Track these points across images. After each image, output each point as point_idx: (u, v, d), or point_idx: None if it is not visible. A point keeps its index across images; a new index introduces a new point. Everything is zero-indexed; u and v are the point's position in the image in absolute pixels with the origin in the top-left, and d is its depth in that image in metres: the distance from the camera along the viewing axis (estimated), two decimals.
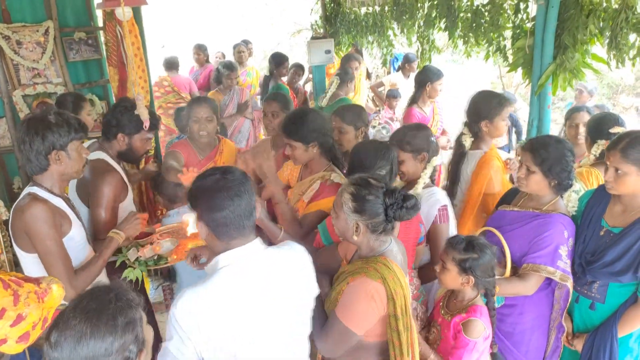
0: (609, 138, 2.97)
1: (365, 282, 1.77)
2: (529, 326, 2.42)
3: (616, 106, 10.11)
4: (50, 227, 2.05)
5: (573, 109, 3.64)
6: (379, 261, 1.81)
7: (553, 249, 2.24)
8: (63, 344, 1.21)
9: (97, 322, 1.22)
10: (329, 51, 5.91)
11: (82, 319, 1.22)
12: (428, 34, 4.66)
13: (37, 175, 2.16)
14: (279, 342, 1.68)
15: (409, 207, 1.84)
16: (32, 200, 2.06)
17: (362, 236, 1.86)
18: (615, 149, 2.14)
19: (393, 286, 1.77)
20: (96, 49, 4.51)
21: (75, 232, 2.21)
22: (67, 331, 1.21)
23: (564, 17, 3.15)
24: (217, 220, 1.59)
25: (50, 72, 4.32)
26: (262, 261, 1.66)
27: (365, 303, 1.77)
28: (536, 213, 2.36)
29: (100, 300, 1.27)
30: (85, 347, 1.21)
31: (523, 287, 2.29)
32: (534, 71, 3.33)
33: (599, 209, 2.32)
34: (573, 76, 3.28)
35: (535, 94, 3.34)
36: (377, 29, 5.54)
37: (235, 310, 1.56)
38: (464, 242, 2.15)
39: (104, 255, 2.28)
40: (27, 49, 4.17)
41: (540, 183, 2.32)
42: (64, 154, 2.13)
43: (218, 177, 1.62)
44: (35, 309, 1.49)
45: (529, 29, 3.41)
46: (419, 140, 2.57)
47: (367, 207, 1.82)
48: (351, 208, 1.84)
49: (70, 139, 2.13)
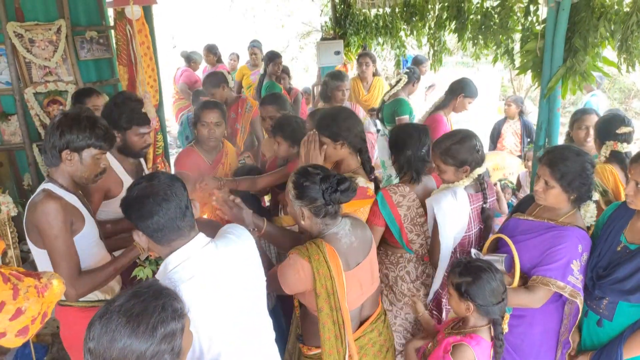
0: (617, 139, 2.96)
1: (295, 258, 1.97)
2: (538, 339, 2.36)
3: (628, 111, 10.02)
4: (60, 226, 2.05)
5: (580, 110, 3.61)
6: (315, 243, 1.99)
7: (565, 263, 2.17)
8: (102, 338, 1.25)
9: (137, 328, 1.26)
10: (338, 52, 5.93)
11: (123, 321, 1.26)
12: (439, 36, 4.64)
13: (51, 169, 2.18)
14: (241, 333, 1.76)
15: (343, 190, 2.00)
16: (46, 197, 2.07)
17: (308, 220, 2.05)
18: (637, 162, 2.06)
19: (316, 266, 1.94)
20: (107, 48, 4.56)
21: (87, 230, 2.21)
22: (108, 326, 1.25)
23: (575, 20, 3.12)
24: (151, 227, 1.64)
25: (61, 71, 4.37)
26: (210, 254, 1.72)
27: (292, 274, 1.98)
28: (551, 224, 2.29)
29: (146, 305, 1.30)
30: (120, 345, 1.24)
31: (530, 300, 2.21)
32: (544, 74, 3.29)
33: (620, 223, 2.24)
34: (583, 79, 3.24)
35: (544, 97, 3.31)
36: (388, 30, 5.53)
37: (196, 305, 1.59)
38: (461, 265, 2.10)
39: (118, 263, 2.19)
40: (39, 47, 4.23)
41: (559, 197, 2.25)
42: (77, 157, 2.14)
43: (144, 184, 1.68)
44: (35, 303, 1.50)
45: (539, 32, 3.38)
46: (462, 154, 2.56)
47: (306, 193, 2.01)
48: (294, 195, 2.04)
49: (87, 144, 2.13)
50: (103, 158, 2.22)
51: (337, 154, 2.61)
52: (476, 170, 2.60)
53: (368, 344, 2.21)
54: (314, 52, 6.08)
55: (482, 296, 2.02)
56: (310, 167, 2.10)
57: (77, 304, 2.23)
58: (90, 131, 2.12)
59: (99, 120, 2.20)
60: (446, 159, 2.56)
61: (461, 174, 2.59)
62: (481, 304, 2.03)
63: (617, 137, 2.96)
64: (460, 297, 2.07)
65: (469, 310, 2.06)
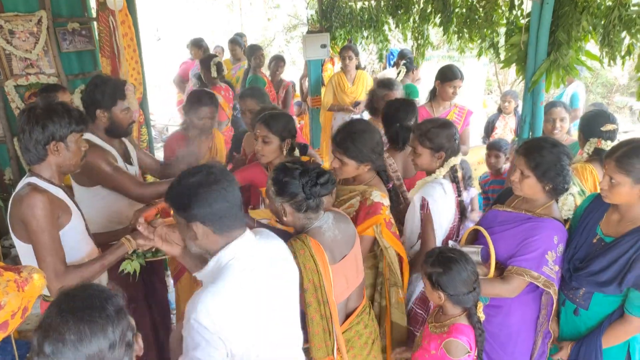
0: (602, 136, 2.98)
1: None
2: (516, 329, 2.40)
3: (610, 105, 10.15)
4: (46, 220, 2.03)
5: (549, 103, 3.68)
6: (299, 238, 1.97)
7: (540, 254, 2.22)
8: (63, 351, 1.15)
9: (91, 318, 1.18)
10: (324, 45, 5.90)
11: (75, 320, 1.17)
12: (423, 29, 4.65)
13: (35, 165, 2.14)
14: (287, 323, 1.82)
15: (322, 183, 1.98)
16: (32, 190, 2.04)
17: (290, 216, 2.03)
18: (610, 157, 2.10)
19: (302, 260, 1.92)
20: (90, 40, 4.48)
21: (74, 223, 2.19)
22: (64, 336, 1.15)
23: (559, 14, 3.14)
24: (217, 214, 1.61)
25: (43, 63, 4.29)
26: (261, 250, 1.74)
27: None
28: (528, 216, 2.33)
29: (81, 297, 1.23)
30: (88, 346, 1.16)
31: (505, 290, 2.27)
32: (528, 67, 3.32)
33: (596, 216, 2.28)
34: (567, 73, 3.27)
35: (528, 90, 3.34)
36: (373, 24, 5.53)
37: (251, 299, 1.63)
38: (434, 256, 2.12)
39: (106, 260, 2.16)
40: (19, 38, 4.14)
41: (535, 187, 2.28)
42: (63, 146, 2.12)
43: (206, 172, 1.65)
44: (15, 297, 1.48)
45: (523, 26, 3.40)
46: (440, 139, 2.55)
47: (286, 189, 1.98)
48: (274, 192, 2.02)
49: (70, 130, 2.11)
50: (82, 140, 2.22)
51: (356, 172, 2.51)
52: (451, 160, 2.60)
53: (355, 337, 2.22)
54: (301, 45, 6.03)
55: (453, 286, 2.05)
56: (289, 162, 2.07)
57: None
58: (69, 116, 2.11)
59: (68, 105, 2.21)
60: (424, 140, 2.56)
61: (436, 161, 2.58)
62: (452, 294, 2.06)
63: (602, 134, 2.97)
64: (432, 286, 2.10)
65: (440, 299, 2.10)
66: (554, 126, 3.63)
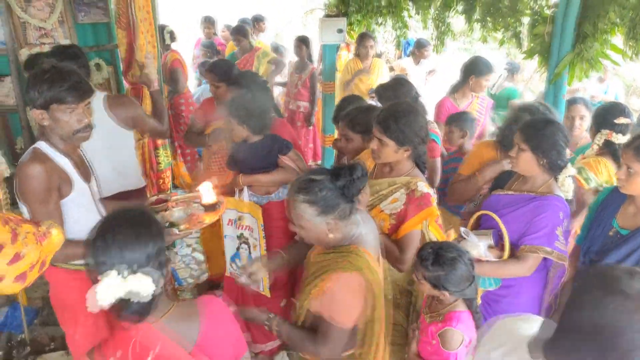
0: (613, 128, 2.93)
1: (345, 277, 1.73)
2: (524, 308, 2.42)
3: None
4: (41, 190, 1.97)
5: (571, 99, 3.59)
6: (351, 252, 1.77)
7: (550, 230, 2.27)
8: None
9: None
10: (341, 30, 5.79)
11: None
12: (444, 17, 4.56)
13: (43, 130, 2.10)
14: None
15: (359, 177, 1.77)
16: (32, 158, 2.00)
17: (337, 231, 1.79)
18: (629, 147, 2.12)
19: (370, 276, 1.76)
20: (105, 12, 4.42)
21: (76, 195, 2.13)
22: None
23: (587, 5, 3.07)
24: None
25: (57, 33, 4.25)
26: None
27: (351, 299, 1.75)
28: (531, 196, 2.37)
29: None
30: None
31: (520, 269, 2.31)
32: (551, 59, 3.25)
33: (612, 208, 2.28)
34: (590, 66, 3.20)
35: (550, 82, 3.27)
36: (392, 9, 5.43)
37: None
38: (431, 257, 2.00)
39: None
40: (35, 7, 4.10)
41: (530, 162, 2.32)
42: (46, 114, 2.01)
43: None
44: (34, 250, 1.46)
45: (548, 16, 3.33)
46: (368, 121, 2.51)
47: (327, 203, 1.74)
48: (314, 214, 1.75)
49: (48, 100, 1.97)
50: (78, 112, 2.05)
51: (395, 157, 2.34)
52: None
53: None
54: (317, 30, 5.95)
55: (457, 283, 2.00)
56: (309, 177, 1.80)
57: (66, 266, 2.19)
58: (50, 86, 1.96)
59: (66, 72, 2.03)
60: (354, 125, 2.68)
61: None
62: (455, 291, 2.01)
63: (614, 126, 2.93)
64: (434, 288, 2.04)
65: (444, 296, 2.04)
66: (573, 124, 3.47)
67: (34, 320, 3.35)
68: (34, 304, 3.42)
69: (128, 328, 1.40)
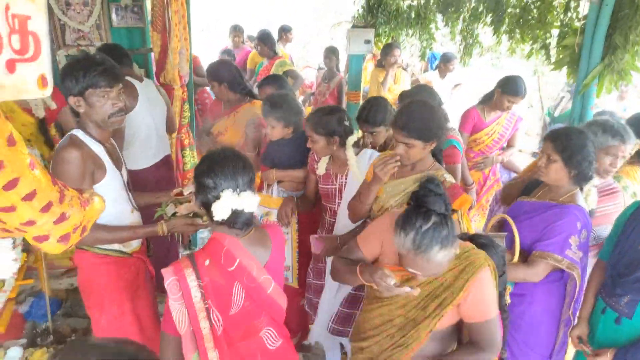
0: None
1: (488, 271, 1.86)
2: (538, 319, 2.39)
3: None
4: (75, 174, 2.03)
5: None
6: (465, 250, 1.88)
7: (563, 238, 2.23)
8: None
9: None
10: (368, 41, 5.85)
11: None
12: (473, 29, 4.58)
13: (79, 118, 2.18)
14: None
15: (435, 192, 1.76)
16: (69, 144, 2.07)
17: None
18: None
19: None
20: (140, 17, 4.57)
21: (108, 181, 2.19)
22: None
23: (618, 17, 3.06)
24: None
25: (94, 36, 4.40)
26: None
27: (493, 290, 1.89)
28: (552, 204, 2.35)
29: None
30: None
31: (529, 274, 2.28)
32: (580, 70, 3.24)
33: None
34: (620, 78, 3.18)
35: (579, 93, 3.25)
36: (420, 21, 5.47)
37: None
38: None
39: (134, 232, 2.24)
40: (74, 10, 4.26)
41: (560, 172, 2.28)
42: (83, 101, 2.09)
43: None
44: (78, 212, 1.50)
45: (577, 28, 3.32)
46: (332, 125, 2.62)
47: None
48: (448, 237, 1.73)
49: (84, 86, 2.05)
50: (112, 96, 2.12)
51: (423, 153, 2.27)
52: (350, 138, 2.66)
53: None
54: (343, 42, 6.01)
55: None
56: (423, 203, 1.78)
57: (95, 250, 2.25)
58: (85, 72, 2.04)
59: (97, 59, 2.11)
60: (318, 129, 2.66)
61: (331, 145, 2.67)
62: None
63: None
64: None
65: None
66: None
67: (57, 311, 3.42)
68: (58, 295, 3.49)
69: (222, 239, 1.75)
